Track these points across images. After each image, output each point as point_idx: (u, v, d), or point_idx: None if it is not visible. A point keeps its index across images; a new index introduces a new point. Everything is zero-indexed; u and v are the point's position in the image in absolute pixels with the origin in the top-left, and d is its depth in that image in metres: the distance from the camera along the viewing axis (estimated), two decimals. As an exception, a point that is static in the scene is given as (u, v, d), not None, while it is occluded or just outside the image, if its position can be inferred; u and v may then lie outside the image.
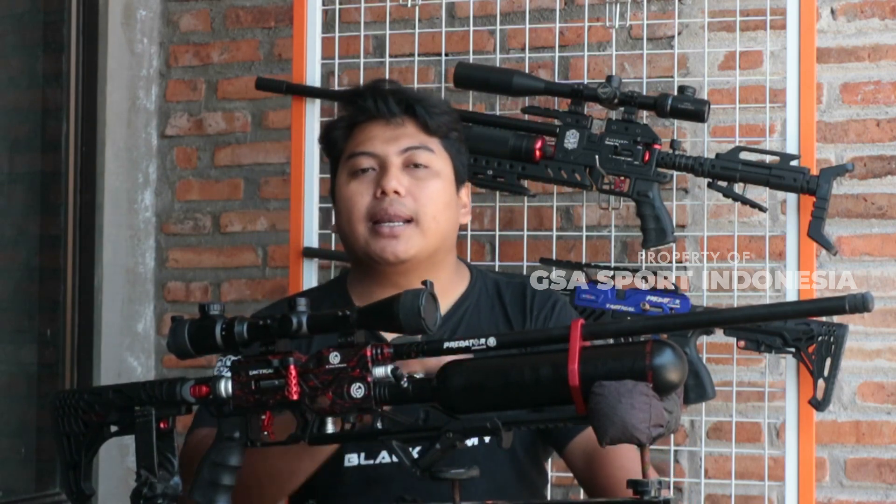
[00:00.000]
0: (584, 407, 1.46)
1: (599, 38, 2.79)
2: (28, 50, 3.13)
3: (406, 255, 1.94)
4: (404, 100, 2.00)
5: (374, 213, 1.94)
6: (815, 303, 1.58)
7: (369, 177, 1.97)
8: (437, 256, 1.99)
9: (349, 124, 2.02)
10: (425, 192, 1.95)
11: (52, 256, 3.10)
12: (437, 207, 1.96)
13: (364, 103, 2.00)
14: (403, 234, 1.93)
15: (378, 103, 1.99)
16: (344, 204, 1.98)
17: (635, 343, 1.48)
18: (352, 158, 1.99)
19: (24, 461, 2.97)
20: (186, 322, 1.63)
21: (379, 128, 1.99)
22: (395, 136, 1.98)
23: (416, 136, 1.99)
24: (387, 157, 1.97)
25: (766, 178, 2.35)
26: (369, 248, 1.95)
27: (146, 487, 1.59)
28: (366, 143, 1.98)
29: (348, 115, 2.04)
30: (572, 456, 1.96)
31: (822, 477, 2.69)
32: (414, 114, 1.99)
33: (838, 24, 2.75)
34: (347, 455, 1.90)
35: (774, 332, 2.34)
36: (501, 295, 2.05)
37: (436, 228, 1.96)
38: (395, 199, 1.93)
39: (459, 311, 2.01)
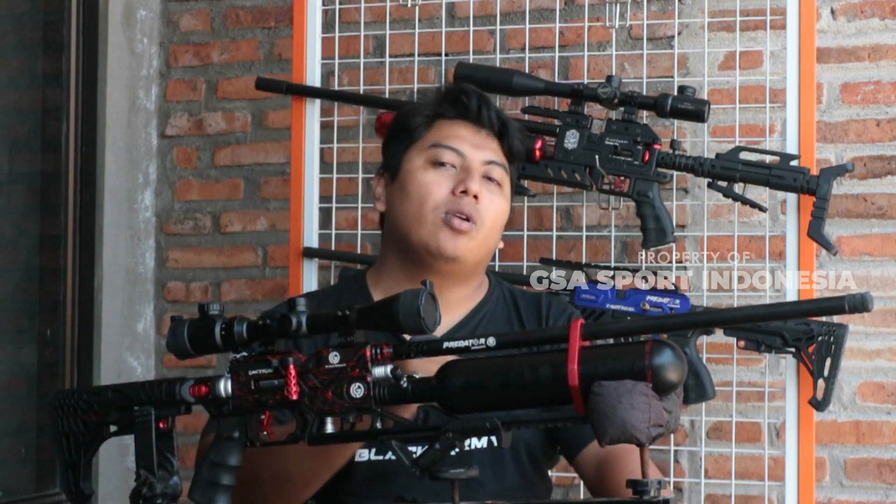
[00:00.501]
0: (584, 407, 1.46)
1: (599, 38, 2.79)
2: (28, 50, 3.13)
3: (462, 252, 1.95)
4: (502, 120, 2.03)
5: (450, 207, 1.95)
6: (815, 303, 1.58)
7: (449, 172, 1.98)
8: (477, 268, 2.02)
9: (435, 115, 2.03)
10: (493, 207, 1.98)
11: (52, 256, 3.10)
12: (497, 224, 2.00)
13: (468, 101, 2.01)
14: (469, 233, 1.95)
15: (482, 109, 2.01)
16: (418, 188, 1.97)
17: (635, 343, 1.48)
18: (436, 148, 1.99)
19: (24, 461, 2.97)
20: (186, 322, 1.63)
21: (467, 130, 2.01)
22: (482, 143, 2.00)
23: (497, 152, 2.02)
24: (472, 160, 1.98)
25: (766, 178, 2.35)
26: (434, 236, 1.95)
27: (145, 487, 1.59)
28: (454, 139, 1.99)
29: (437, 106, 2.04)
30: (584, 463, 1.96)
31: (822, 477, 2.69)
32: (503, 134, 2.03)
33: (838, 24, 2.75)
34: (358, 450, 1.90)
35: (774, 332, 2.34)
36: (518, 304, 2.07)
37: (489, 241, 1.99)
38: (472, 201, 1.95)
39: (477, 317, 2.02)
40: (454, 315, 1.99)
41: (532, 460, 1.99)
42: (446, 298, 1.96)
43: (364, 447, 1.90)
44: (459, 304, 2.01)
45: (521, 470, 1.97)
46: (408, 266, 1.99)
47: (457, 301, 2.00)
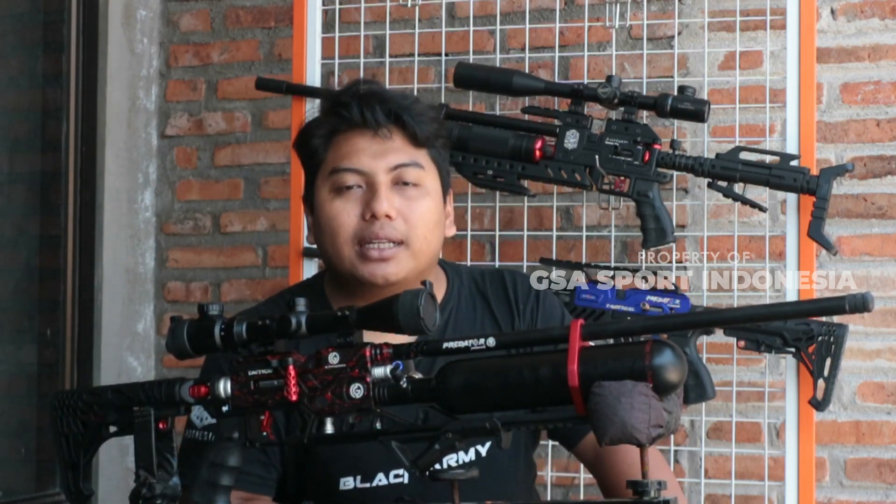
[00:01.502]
0: (584, 407, 1.46)
1: (599, 38, 2.79)
2: (28, 50, 3.13)
3: (396, 277, 1.86)
4: (392, 109, 1.87)
5: (363, 236, 1.85)
6: (815, 303, 1.58)
7: (355, 195, 1.86)
8: (424, 274, 1.91)
9: (331, 131, 1.90)
10: (416, 214, 1.86)
11: (52, 256, 3.10)
12: (428, 228, 1.87)
13: (349, 113, 1.87)
14: (394, 256, 1.85)
15: (364, 113, 1.86)
16: (327, 223, 1.87)
17: (635, 343, 1.48)
18: (336, 174, 1.87)
19: (24, 461, 2.97)
20: (185, 322, 1.63)
21: (364, 140, 1.87)
22: (382, 150, 1.87)
23: (404, 150, 1.88)
24: (375, 175, 1.86)
25: (766, 178, 2.35)
26: (356, 270, 1.86)
27: (145, 488, 1.59)
28: (351, 158, 1.86)
29: (329, 122, 1.90)
30: (584, 452, 1.98)
31: (822, 477, 2.69)
32: (402, 124, 1.88)
33: (838, 24, 2.75)
34: (343, 479, 1.87)
35: (774, 332, 2.34)
36: (482, 290, 1.99)
37: (426, 249, 1.88)
38: (385, 222, 1.84)
39: (443, 316, 1.94)
40: None
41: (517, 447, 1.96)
42: None
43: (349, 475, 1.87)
44: None
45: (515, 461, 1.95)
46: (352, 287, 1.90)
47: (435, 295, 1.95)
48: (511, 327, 1.96)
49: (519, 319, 1.97)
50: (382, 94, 1.90)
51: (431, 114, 1.93)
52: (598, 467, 1.95)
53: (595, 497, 2.54)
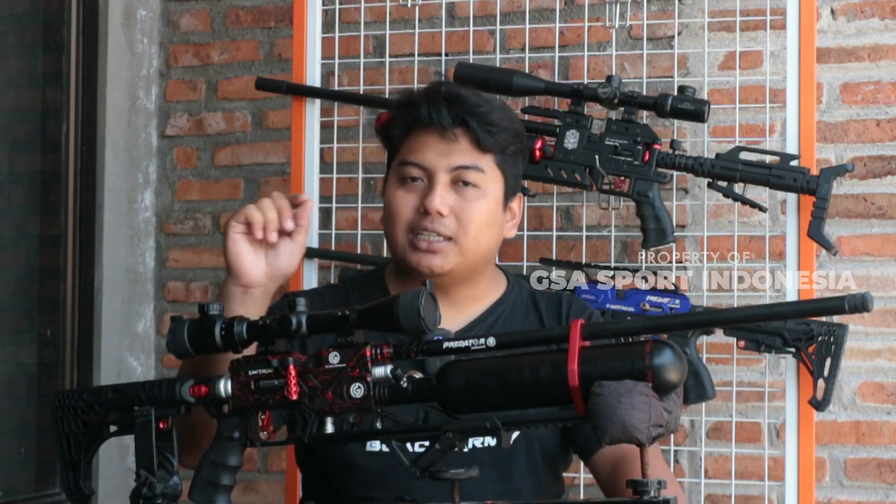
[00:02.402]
0: (584, 407, 1.46)
1: (599, 38, 2.79)
2: (28, 50, 3.12)
3: (442, 270, 1.92)
4: (460, 112, 1.93)
5: (415, 226, 1.92)
6: (815, 303, 1.58)
7: (417, 187, 1.94)
8: (476, 270, 1.98)
9: (408, 126, 1.98)
10: (468, 214, 1.92)
11: (52, 256, 3.10)
12: (479, 228, 1.93)
13: (417, 112, 1.95)
14: (442, 250, 1.92)
15: (432, 113, 1.93)
16: (389, 209, 1.96)
17: (635, 343, 1.48)
18: (403, 166, 1.96)
19: (24, 461, 2.97)
20: (186, 322, 1.63)
21: (433, 138, 1.94)
22: (447, 150, 1.93)
23: (468, 152, 1.94)
24: (435, 172, 1.93)
25: (766, 178, 2.35)
26: (407, 257, 1.94)
27: (145, 487, 1.59)
28: (417, 153, 1.94)
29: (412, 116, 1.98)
30: (600, 463, 1.96)
31: (822, 477, 2.70)
32: (468, 128, 1.93)
33: (838, 24, 2.75)
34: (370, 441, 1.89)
35: (774, 332, 2.34)
36: (537, 304, 2.05)
37: (475, 248, 1.94)
38: (436, 217, 1.91)
39: (494, 315, 2.01)
40: (467, 313, 1.99)
41: (546, 461, 1.99)
42: (453, 297, 1.97)
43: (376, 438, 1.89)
44: (471, 303, 2.00)
45: (533, 471, 1.96)
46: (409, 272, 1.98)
47: (467, 300, 1.99)
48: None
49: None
50: (454, 97, 1.95)
51: (505, 123, 1.96)
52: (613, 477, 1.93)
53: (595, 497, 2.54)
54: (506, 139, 1.96)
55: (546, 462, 1.98)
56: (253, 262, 1.78)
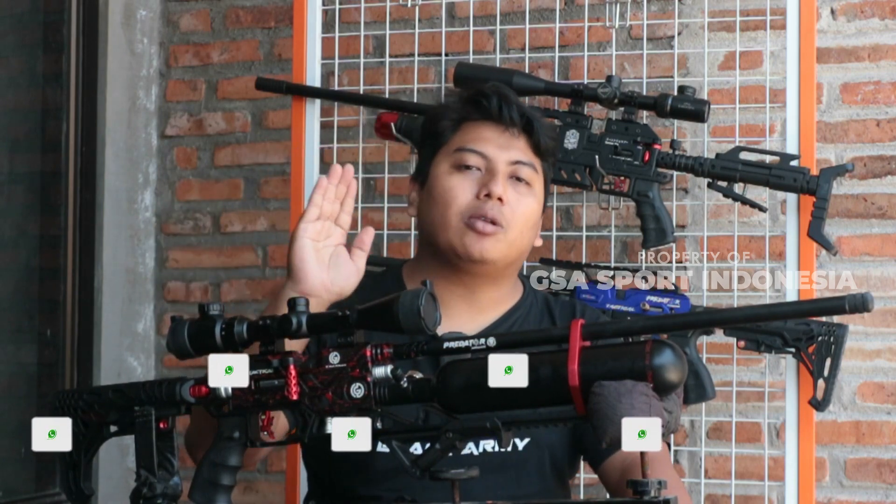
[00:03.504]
0: (584, 407, 1.46)
1: (599, 38, 2.79)
2: (28, 50, 3.12)
3: (490, 255, 1.94)
4: (527, 114, 2.01)
5: (475, 210, 1.95)
6: (815, 303, 1.59)
7: (473, 175, 1.97)
8: (508, 270, 2.01)
9: (462, 118, 2.02)
10: (521, 208, 1.97)
11: (52, 256, 3.10)
12: (528, 224, 1.98)
13: (489, 104, 2.00)
14: (494, 235, 1.94)
15: (503, 108, 1.99)
16: (442, 194, 1.97)
17: (635, 343, 1.48)
18: (460, 152, 1.98)
19: (24, 461, 2.97)
20: (186, 322, 1.63)
21: (494, 131, 1.99)
22: (507, 144, 1.99)
23: (525, 151, 2.00)
24: (497, 162, 1.97)
25: (766, 178, 2.35)
26: (457, 241, 1.95)
27: (146, 487, 1.59)
28: (479, 142, 1.98)
29: (463, 109, 2.03)
30: (610, 469, 1.96)
31: (822, 477, 2.69)
32: (530, 130, 2.01)
33: (838, 24, 2.75)
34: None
35: (774, 332, 2.34)
36: (552, 310, 2.07)
37: (520, 242, 1.98)
38: (496, 204, 1.94)
39: (510, 320, 2.02)
40: (487, 316, 2.00)
41: (555, 469, 1.99)
42: (478, 298, 1.99)
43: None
44: (492, 306, 2.01)
45: (542, 479, 1.96)
46: (441, 266, 1.99)
47: (489, 302, 2.00)
48: None
49: None
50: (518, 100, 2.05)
51: (553, 133, 2.08)
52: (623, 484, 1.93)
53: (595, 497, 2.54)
54: (554, 149, 2.07)
55: (554, 470, 1.99)
56: (315, 269, 1.81)
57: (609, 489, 1.99)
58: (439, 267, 1.99)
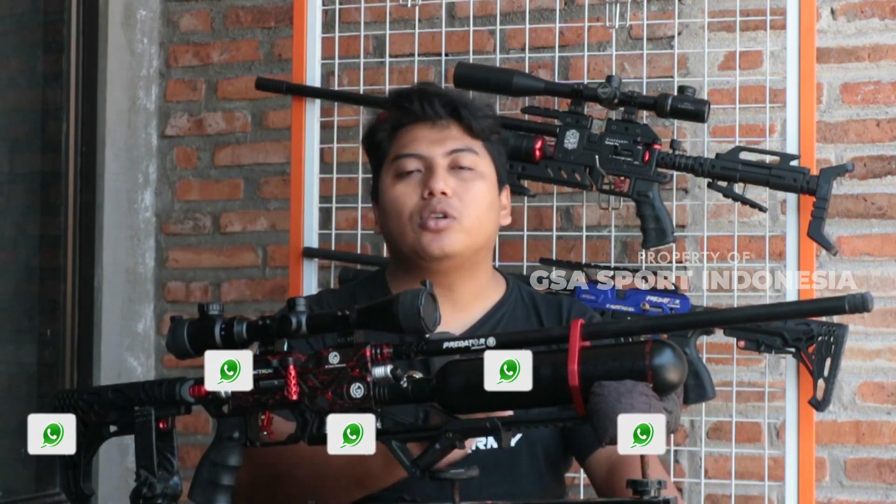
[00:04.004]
0: (584, 407, 1.46)
1: (599, 38, 2.79)
2: (28, 50, 3.12)
3: (451, 249, 1.95)
4: (449, 102, 2.02)
5: (422, 211, 1.96)
6: (815, 303, 1.59)
7: (415, 179, 1.99)
8: (479, 256, 2.01)
9: (394, 126, 2.04)
10: (470, 194, 1.97)
11: (52, 256, 3.10)
12: (481, 208, 1.98)
13: (410, 106, 2.01)
14: (449, 228, 1.95)
15: (424, 106, 2.00)
16: (391, 205, 2.00)
17: (635, 343, 1.48)
18: (398, 160, 2.01)
19: (23, 461, 2.97)
20: (186, 322, 1.63)
21: (424, 130, 2.01)
22: (440, 138, 2.00)
23: (460, 138, 2.01)
24: (433, 158, 1.98)
25: (766, 178, 2.35)
26: (417, 244, 1.96)
27: (145, 487, 1.60)
28: (412, 145, 2.00)
29: (393, 116, 2.05)
30: (596, 464, 1.97)
31: (822, 477, 2.69)
32: (458, 116, 2.01)
33: (838, 24, 2.75)
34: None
35: (774, 332, 2.34)
36: (537, 306, 2.07)
37: (479, 228, 1.98)
38: (441, 199, 1.95)
39: (496, 317, 2.02)
40: (471, 314, 2.00)
41: (549, 463, 1.99)
42: (458, 295, 1.99)
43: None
44: (474, 302, 2.01)
45: (537, 473, 1.96)
46: (414, 270, 1.99)
47: (470, 297, 2.01)
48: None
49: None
50: (440, 91, 2.08)
51: (487, 111, 2.08)
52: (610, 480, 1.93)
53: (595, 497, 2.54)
54: (491, 125, 2.06)
55: (549, 464, 1.99)
56: None
57: (595, 484, 1.99)
58: (413, 271, 1.99)
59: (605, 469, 1.94)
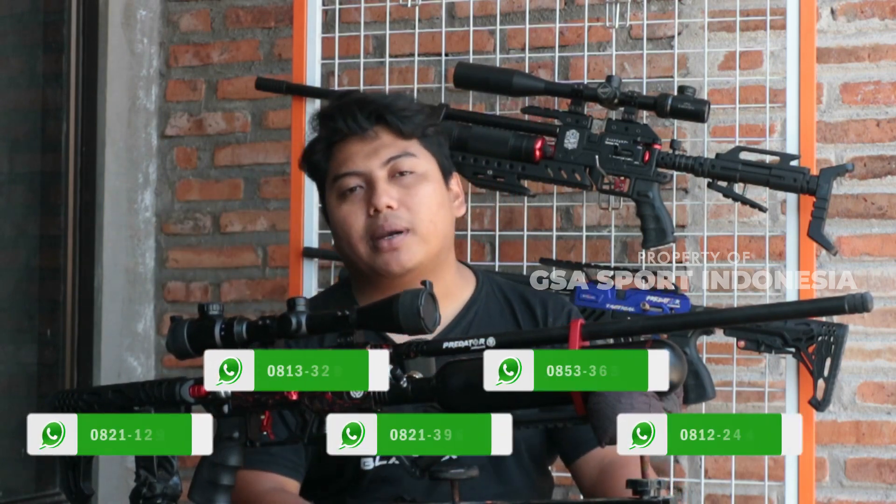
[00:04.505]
0: (584, 407, 1.46)
1: (599, 38, 2.79)
2: (28, 50, 3.12)
3: (411, 263, 1.94)
4: (374, 111, 1.98)
5: (372, 230, 1.94)
6: (814, 303, 1.58)
7: (358, 196, 1.96)
8: (440, 257, 1.99)
9: (327, 145, 2.01)
10: (416, 199, 1.95)
11: (52, 256, 3.10)
12: (432, 210, 1.96)
13: (334, 124, 1.98)
14: (403, 244, 1.93)
15: (348, 121, 1.97)
16: (340, 227, 1.98)
17: (635, 343, 1.48)
18: (337, 180, 1.98)
19: (23, 461, 2.97)
20: (185, 322, 1.63)
21: (356, 144, 1.97)
22: (373, 149, 1.97)
23: (394, 144, 1.97)
24: (371, 172, 1.96)
25: (766, 178, 2.35)
26: (374, 264, 1.95)
27: (145, 487, 1.59)
28: (347, 163, 1.97)
29: (324, 134, 2.02)
30: (585, 467, 1.96)
31: (822, 477, 2.69)
32: (385, 122, 1.98)
33: (838, 24, 2.75)
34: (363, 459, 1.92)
35: (774, 332, 2.34)
36: (510, 300, 2.05)
37: (434, 232, 1.96)
38: (388, 213, 1.93)
39: (469, 315, 2.01)
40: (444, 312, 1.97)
41: (534, 459, 1.99)
42: None
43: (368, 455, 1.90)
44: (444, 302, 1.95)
45: (523, 469, 1.96)
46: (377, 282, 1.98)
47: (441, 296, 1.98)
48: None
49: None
50: (362, 101, 2.01)
51: (415, 106, 2.03)
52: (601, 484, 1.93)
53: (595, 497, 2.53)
54: (423, 120, 2.01)
55: (533, 460, 1.98)
56: None
57: (583, 488, 1.98)
58: (376, 283, 1.98)
59: (595, 472, 1.93)
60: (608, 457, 1.89)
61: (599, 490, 1.92)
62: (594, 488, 1.94)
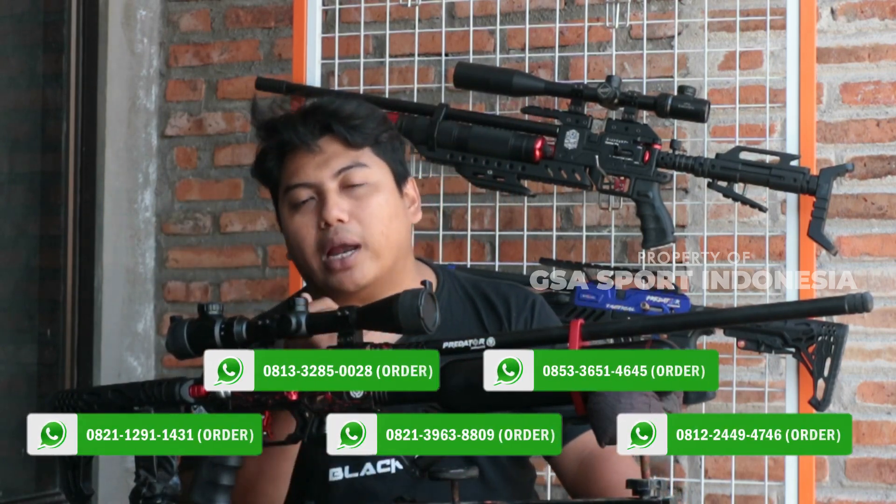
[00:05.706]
0: (584, 407, 1.46)
1: (599, 38, 2.79)
2: (28, 50, 3.12)
3: (364, 280, 1.89)
4: (318, 122, 1.92)
5: (323, 244, 1.89)
6: (814, 303, 1.58)
7: (310, 207, 1.91)
8: (397, 267, 1.93)
9: (279, 153, 1.95)
10: (368, 212, 1.89)
11: (52, 256, 3.10)
12: (384, 223, 1.90)
13: (280, 136, 1.93)
14: (356, 261, 1.88)
15: (291, 134, 1.91)
16: (292, 238, 1.93)
17: (635, 343, 1.48)
18: (289, 192, 1.93)
19: (23, 461, 2.97)
20: (185, 322, 1.63)
21: (306, 156, 1.91)
22: (323, 160, 1.91)
23: (344, 154, 1.91)
24: (322, 184, 1.90)
25: (766, 178, 2.35)
26: (328, 282, 1.90)
27: (145, 487, 1.59)
28: (299, 174, 1.91)
29: (276, 143, 1.95)
30: (565, 460, 1.94)
31: (822, 477, 2.69)
32: (332, 133, 1.92)
33: (838, 24, 2.75)
34: (332, 469, 1.89)
35: (774, 332, 2.34)
36: (471, 296, 2.01)
37: (387, 245, 1.91)
38: (339, 226, 1.88)
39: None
40: None
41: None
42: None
43: (337, 465, 1.89)
44: None
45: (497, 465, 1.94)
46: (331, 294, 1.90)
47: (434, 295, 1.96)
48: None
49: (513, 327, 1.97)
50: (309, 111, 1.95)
51: (364, 112, 1.95)
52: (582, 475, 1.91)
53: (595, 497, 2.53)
54: (374, 128, 1.94)
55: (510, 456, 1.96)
56: None
57: (565, 482, 1.96)
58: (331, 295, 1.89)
59: (575, 466, 1.91)
60: (587, 448, 1.88)
61: (582, 483, 1.90)
62: (574, 482, 1.92)
